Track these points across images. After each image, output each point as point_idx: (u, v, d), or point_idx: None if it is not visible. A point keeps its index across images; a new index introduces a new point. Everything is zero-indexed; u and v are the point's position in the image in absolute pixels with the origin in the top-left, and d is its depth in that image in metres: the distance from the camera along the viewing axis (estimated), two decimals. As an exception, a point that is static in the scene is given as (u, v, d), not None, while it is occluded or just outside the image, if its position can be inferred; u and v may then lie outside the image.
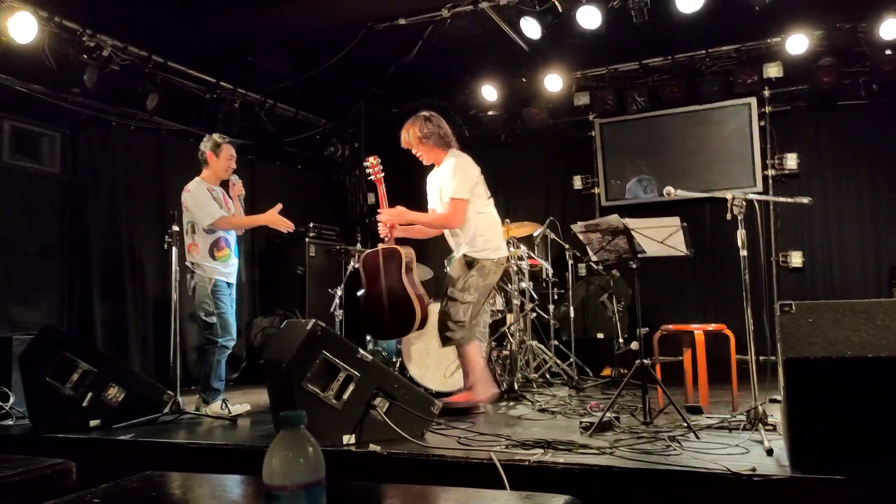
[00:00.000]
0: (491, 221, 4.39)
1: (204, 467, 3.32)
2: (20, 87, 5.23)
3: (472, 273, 4.25)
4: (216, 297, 4.57)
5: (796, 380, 2.60)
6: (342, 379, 3.30)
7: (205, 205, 4.59)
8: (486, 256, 4.28)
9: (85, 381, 4.01)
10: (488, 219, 4.38)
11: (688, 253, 3.68)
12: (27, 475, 2.02)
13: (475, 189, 4.36)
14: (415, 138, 4.45)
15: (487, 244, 4.30)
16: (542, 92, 7.32)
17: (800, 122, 7.04)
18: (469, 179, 4.34)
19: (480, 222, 4.33)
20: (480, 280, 4.26)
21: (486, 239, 4.31)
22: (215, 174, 4.75)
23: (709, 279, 7.24)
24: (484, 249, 4.29)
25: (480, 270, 4.26)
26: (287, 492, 1.05)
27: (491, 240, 4.33)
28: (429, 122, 4.43)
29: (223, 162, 4.73)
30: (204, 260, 4.59)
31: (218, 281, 4.60)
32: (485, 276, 4.28)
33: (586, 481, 2.71)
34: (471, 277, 4.24)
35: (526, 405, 4.54)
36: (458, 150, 4.50)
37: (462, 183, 4.30)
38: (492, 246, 4.32)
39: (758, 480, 2.52)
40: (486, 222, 4.36)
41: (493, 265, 4.31)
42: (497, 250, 4.35)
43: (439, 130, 4.44)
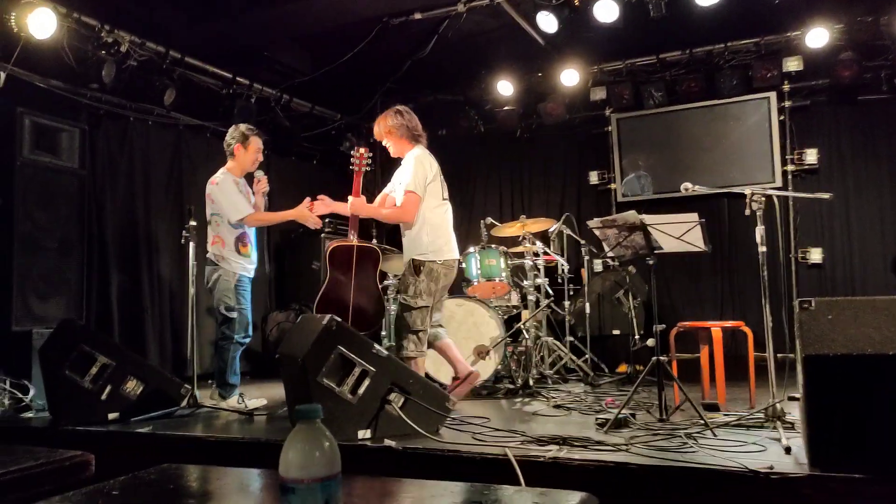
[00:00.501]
0: (439, 223, 4.34)
1: (220, 460, 3.34)
2: (40, 83, 5.28)
3: (421, 278, 4.21)
4: (238, 292, 4.56)
5: (815, 377, 2.57)
6: (357, 374, 3.31)
7: (233, 198, 4.55)
8: (430, 258, 4.24)
9: (103, 374, 4.05)
10: (436, 220, 4.32)
11: (706, 249, 3.65)
12: (47, 466, 2.05)
13: (430, 186, 4.31)
14: (384, 129, 4.43)
15: (431, 245, 4.25)
16: (558, 87, 7.29)
17: (820, 117, 6.96)
18: (424, 175, 4.28)
19: (428, 223, 4.29)
20: (432, 285, 4.23)
21: (431, 241, 4.26)
22: (241, 167, 4.70)
23: (726, 276, 7.18)
24: (428, 252, 4.24)
25: (429, 275, 4.22)
26: (303, 485, 1.05)
27: (435, 241, 4.27)
28: (399, 115, 4.42)
29: (251, 155, 4.68)
30: (230, 254, 4.55)
31: (242, 276, 4.60)
32: (435, 281, 4.24)
33: (602, 478, 2.70)
34: (420, 283, 4.21)
35: (541, 401, 4.53)
36: (424, 146, 4.46)
37: (418, 177, 4.26)
38: (436, 248, 4.27)
39: (775, 478, 2.50)
40: (434, 223, 4.30)
41: (442, 268, 4.26)
42: (442, 252, 4.28)
43: (408, 124, 4.41)
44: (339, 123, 7.96)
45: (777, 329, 3.43)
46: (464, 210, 8.36)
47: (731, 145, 7.11)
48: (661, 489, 2.65)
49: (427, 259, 4.24)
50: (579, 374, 5.56)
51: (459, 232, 8.20)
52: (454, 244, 4.43)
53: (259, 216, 4.66)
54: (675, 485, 2.64)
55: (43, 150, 5.01)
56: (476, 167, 8.36)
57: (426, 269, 4.22)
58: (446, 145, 8.45)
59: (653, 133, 7.43)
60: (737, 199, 6.66)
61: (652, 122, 7.41)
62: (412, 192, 4.23)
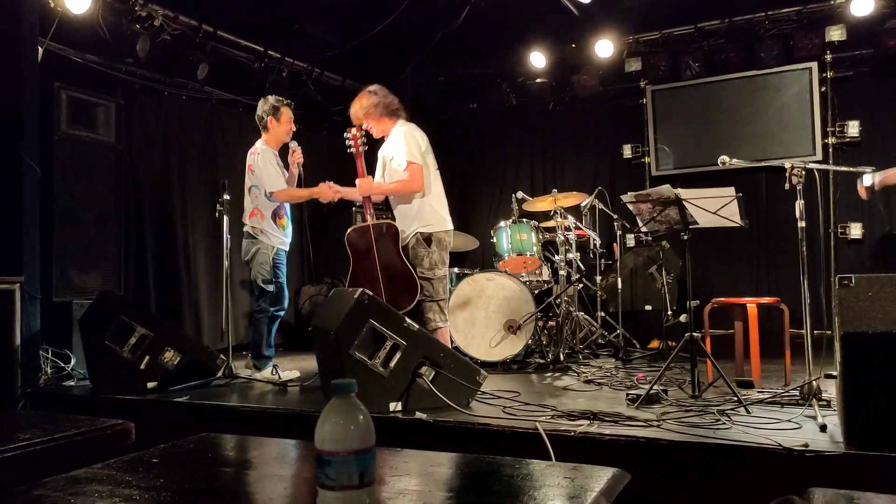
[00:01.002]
0: (439, 192, 4.40)
1: (255, 430, 3.40)
2: (76, 58, 5.35)
3: (433, 249, 4.27)
4: (275, 265, 4.60)
5: (854, 355, 2.52)
6: (389, 347, 3.34)
7: (271, 171, 4.57)
8: (438, 229, 4.30)
9: (142, 344, 4.14)
10: (437, 191, 4.38)
11: (743, 224, 3.58)
12: (89, 434, 2.11)
13: (426, 157, 4.34)
14: (361, 112, 4.46)
15: (435, 216, 4.31)
16: (592, 58, 7.16)
17: (863, 88, 6.75)
18: (418, 145, 4.31)
19: (430, 193, 4.33)
20: (444, 254, 4.31)
21: (435, 210, 4.32)
22: (277, 138, 4.69)
23: (763, 251, 7.06)
24: (433, 222, 4.29)
25: (439, 244, 4.29)
26: (339, 457, 1.07)
27: (439, 211, 4.34)
28: (373, 94, 4.45)
29: (284, 126, 4.68)
30: (269, 227, 4.58)
31: (280, 249, 4.63)
32: (444, 249, 4.32)
33: (633, 454, 2.70)
34: (434, 254, 4.27)
35: (571, 376, 4.53)
36: (406, 120, 4.49)
37: (413, 147, 4.28)
38: (440, 218, 4.33)
39: (810, 456, 2.47)
40: (435, 194, 4.36)
41: (446, 235, 4.34)
42: (446, 221, 4.36)
43: (384, 101, 4.45)
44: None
45: (814, 306, 3.37)
46: (495, 184, 8.34)
47: (771, 117, 6.94)
48: (692, 465, 2.64)
49: (434, 230, 4.29)
50: (610, 349, 5.54)
51: (490, 206, 8.30)
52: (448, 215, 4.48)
53: (289, 192, 4.66)
54: (706, 461, 2.63)
55: (80, 125, 5.09)
56: (507, 141, 8.29)
57: (436, 240, 4.28)
58: (477, 119, 8.43)
59: (689, 105, 7.28)
60: (775, 173, 6.51)
61: (688, 94, 7.26)
62: (414, 162, 4.26)
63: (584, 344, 5.50)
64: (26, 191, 4.50)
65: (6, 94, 4.56)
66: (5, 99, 4.55)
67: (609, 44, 6.96)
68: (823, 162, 6.60)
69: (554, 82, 7.62)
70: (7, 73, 4.57)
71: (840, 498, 1.48)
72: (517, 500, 1.36)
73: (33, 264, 4.50)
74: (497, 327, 4.91)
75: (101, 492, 1.46)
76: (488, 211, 8.28)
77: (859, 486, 1.86)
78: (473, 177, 8.46)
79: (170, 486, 1.52)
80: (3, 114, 4.54)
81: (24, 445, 1.93)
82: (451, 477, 1.62)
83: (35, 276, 4.51)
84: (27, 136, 4.55)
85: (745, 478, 2.56)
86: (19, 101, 4.55)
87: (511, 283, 4.98)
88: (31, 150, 4.55)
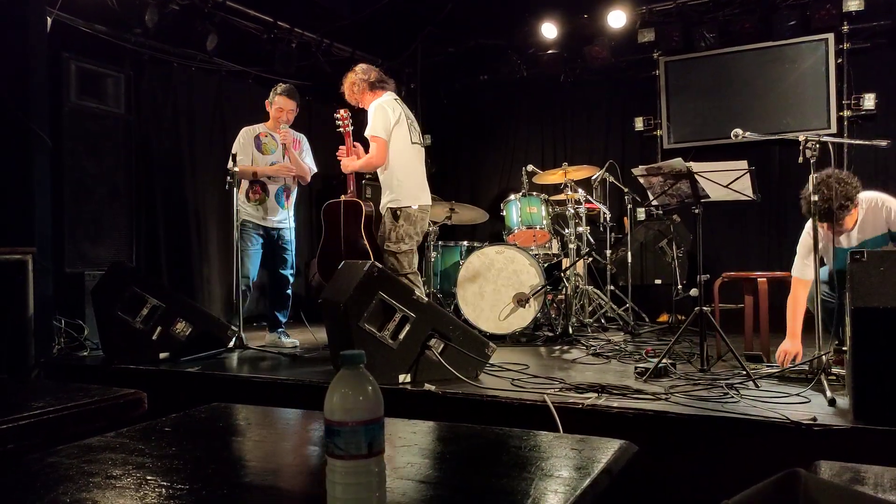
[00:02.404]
0: (409, 166, 4.41)
1: (265, 400, 3.45)
2: (84, 28, 5.32)
3: (400, 223, 4.34)
4: (242, 236, 4.80)
5: (864, 330, 2.51)
6: (398, 319, 3.35)
7: (238, 150, 4.81)
8: (405, 204, 4.34)
9: (154, 315, 4.18)
10: (408, 165, 4.40)
11: (755, 198, 3.55)
12: (102, 404, 2.13)
13: (395, 130, 4.37)
14: (348, 92, 4.61)
15: (402, 191, 4.35)
16: (604, 29, 7.06)
17: (879, 60, 6.61)
18: (385, 119, 4.36)
19: (398, 167, 4.37)
20: (410, 228, 4.37)
21: (401, 184, 4.35)
22: (272, 121, 4.97)
23: (774, 225, 7.00)
24: (401, 197, 4.35)
25: (408, 219, 4.35)
26: (347, 427, 1.07)
27: (407, 186, 4.36)
28: (353, 73, 4.59)
29: (274, 112, 4.94)
30: (241, 201, 4.83)
31: (245, 221, 4.83)
32: (414, 224, 4.38)
33: (640, 426, 2.71)
34: (400, 228, 4.34)
35: (580, 349, 4.55)
36: (391, 90, 4.58)
37: (378, 122, 4.36)
38: (408, 193, 4.36)
39: (818, 430, 2.47)
40: (406, 168, 4.39)
41: (418, 212, 4.39)
42: (416, 197, 4.39)
43: (365, 76, 4.54)
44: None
45: (826, 281, 3.34)
46: (505, 157, 8.29)
47: (785, 90, 6.84)
48: (700, 438, 2.66)
49: (402, 205, 4.35)
50: (619, 322, 5.55)
51: (500, 179, 8.27)
52: (427, 188, 4.53)
53: (243, 170, 4.79)
54: (714, 434, 2.64)
55: (89, 96, 5.08)
56: (518, 113, 8.23)
57: (404, 215, 4.35)
58: (487, 91, 8.35)
59: (703, 77, 7.18)
60: (789, 146, 6.43)
61: (702, 66, 7.16)
62: (376, 136, 4.35)
63: (593, 317, 5.51)
64: (36, 162, 4.52)
65: (15, 64, 4.55)
66: (14, 69, 4.55)
67: (622, 14, 6.86)
68: (838, 135, 6.51)
69: (565, 53, 7.52)
70: (16, 44, 4.56)
71: (847, 471, 1.48)
72: (525, 471, 1.37)
73: (45, 235, 4.53)
74: (506, 300, 4.92)
75: (115, 460, 1.48)
76: (498, 184, 8.25)
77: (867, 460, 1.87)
78: (483, 149, 8.41)
79: (182, 455, 1.54)
80: (13, 84, 4.53)
81: (37, 414, 1.96)
82: (459, 448, 1.63)
83: (47, 247, 4.54)
84: (36, 107, 4.55)
85: (753, 451, 2.57)
86: (28, 71, 4.54)
87: (521, 257, 4.98)
88: (41, 121, 4.55)
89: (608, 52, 7.26)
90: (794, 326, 3.59)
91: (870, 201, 3.47)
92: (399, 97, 4.63)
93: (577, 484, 1.29)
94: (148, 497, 1.26)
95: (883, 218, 3.42)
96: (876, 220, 3.43)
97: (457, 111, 8.57)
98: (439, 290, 5.53)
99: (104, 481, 1.35)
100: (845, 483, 1.40)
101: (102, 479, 1.36)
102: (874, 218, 3.43)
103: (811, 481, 0.94)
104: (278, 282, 5.03)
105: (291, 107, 4.94)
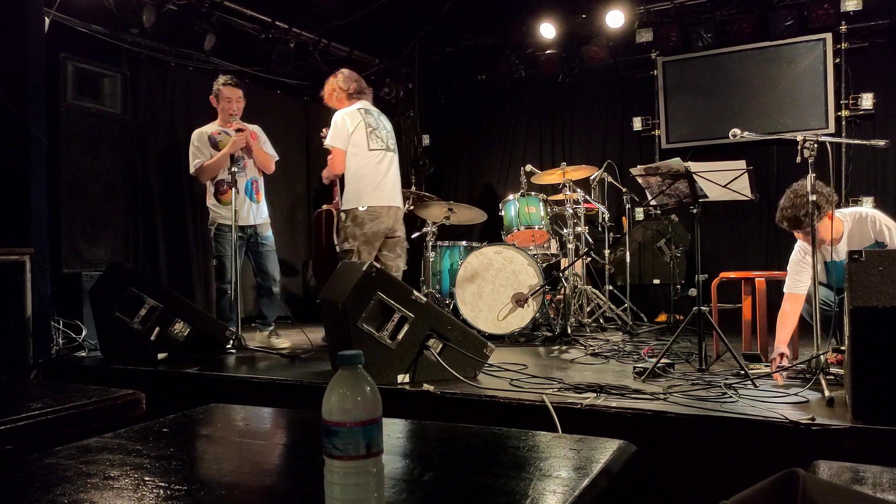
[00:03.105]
0: (363, 172, 4.61)
1: (264, 401, 3.44)
2: (81, 28, 5.31)
3: (346, 224, 4.61)
4: (217, 240, 4.78)
5: (863, 329, 2.51)
6: (397, 319, 3.35)
7: (194, 153, 4.79)
8: (352, 206, 4.59)
9: (152, 316, 4.17)
10: (361, 169, 4.61)
11: (753, 197, 3.56)
12: (100, 404, 2.13)
13: (353, 138, 4.60)
14: (328, 94, 4.84)
15: (352, 193, 4.60)
16: (602, 29, 7.07)
17: (877, 60, 6.62)
18: (343, 129, 4.60)
19: (351, 172, 4.62)
20: (356, 229, 4.56)
21: (352, 188, 4.61)
22: (221, 117, 4.89)
23: (773, 225, 6.98)
24: (350, 199, 4.61)
25: (354, 220, 4.57)
26: (345, 428, 1.07)
27: (356, 189, 4.60)
28: (336, 79, 4.81)
29: (222, 105, 4.84)
30: (211, 203, 4.81)
31: (220, 225, 4.79)
32: (360, 225, 4.56)
33: (639, 426, 2.71)
34: (346, 228, 4.61)
35: (579, 349, 4.54)
36: (362, 101, 4.77)
37: (335, 133, 4.62)
38: (356, 195, 4.59)
39: (816, 430, 2.47)
40: (358, 172, 4.61)
41: (365, 214, 4.56)
42: (363, 199, 4.58)
43: (345, 87, 4.76)
44: (377, 68, 7.87)
45: (824, 280, 3.35)
46: (503, 157, 8.29)
47: (783, 90, 6.85)
48: (698, 438, 2.66)
49: (349, 207, 4.60)
50: (618, 322, 5.55)
51: (499, 179, 8.27)
52: (384, 191, 4.66)
53: (204, 167, 4.77)
54: (712, 434, 2.64)
55: (86, 96, 5.06)
56: (516, 113, 8.23)
57: (350, 216, 4.60)
58: (485, 91, 8.35)
59: (700, 77, 7.19)
60: (786, 146, 6.44)
61: (700, 66, 7.16)
62: (332, 146, 4.63)
63: (591, 317, 5.51)
64: (34, 162, 4.50)
65: (12, 64, 4.54)
66: (11, 69, 4.53)
67: (620, 14, 6.86)
68: (836, 135, 6.52)
69: (563, 53, 7.52)
70: (13, 44, 4.54)
71: (846, 471, 1.48)
72: (523, 471, 1.37)
73: (42, 236, 4.52)
74: (505, 300, 4.92)
75: (113, 461, 1.48)
76: (496, 184, 8.25)
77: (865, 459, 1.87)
78: (481, 150, 8.41)
79: (180, 456, 1.54)
80: (10, 84, 4.52)
81: (36, 415, 1.95)
82: (457, 448, 1.63)
83: (44, 248, 4.53)
84: (34, 106, 4.54)
85: (751, 451, 2.57)
86: (25, 71, 4.53)
87: (519, 257, 4.98)
88: (38, 121, 4.54)
89: (606, 52, 7.26)
90: (783, 337, 3.62)
91: (854, 215, 3.55)
92: (372, 105, 4.83)
93: (575, 484, 1.29)
94: (146, 498, 1.25)
95: (868, 229, 3.48)
96: (862, 233, 3.49)
97: (455, 111, 8.56)
98: (438, 291, 5.53)
99: (102, 482, 1.34)
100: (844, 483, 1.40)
101: (100, 479, 1.36)
102: (860, 231, 3.49)
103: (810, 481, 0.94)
104: (264, 279, 5.01)
105: (238, 95, 4.84)
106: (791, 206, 3.36)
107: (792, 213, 3.36)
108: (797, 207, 3.32)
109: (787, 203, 3.38)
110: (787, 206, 3.37)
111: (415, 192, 5.62)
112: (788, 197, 3.39)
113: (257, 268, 5.00)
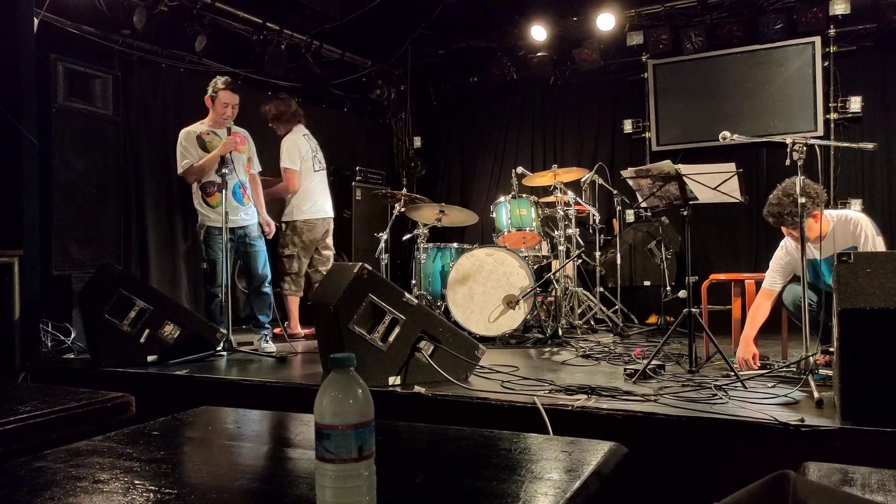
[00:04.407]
0: (309, 189, 5.44)
1: (254, 403, 3.43)
2: (72, 29, 5.28)
3: (287, 233, 5.44)
4: (206, 243, 4.78)
5: (851, 331, 2.53)
6: (388, 322, 3.35)
7: (182, 153, 4.77)
8: (293, 218, 5.44)
9: (142, 318, 4.15)
10: (307, 188, 5.43)
11: (743, 200, 3.58)
12: (90, 407, 2.11)
13: (303, 164, 5.39)
14: (273, 116, 5.52)
15: (295, 208, 5.43)
16: (593, 31, 7.09)
17: (866, 63, 6.68)
18: (297, 153, 5.37)
19: (300, 189, 5.41)
20: (296, 238, 5.43)
21: (296, 204, 5.43)
22: (214, 119, 4.85)
23: (762, 227, 7.04)
24: (292, 212, 5.44)
25: (293, 229, 5.45)
26: (337, 430, 1.07)
27: (299, 204, 5.42)
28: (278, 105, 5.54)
29: (218, 108, 4.80)
30: (199, 205, 4.81)
31: (210, 228, 4.77)
32: (299, 235, 5.42)
33: (630, 428, 2.72)
34: (287, 237, 5.45)
35: (570, 351, 4.55)
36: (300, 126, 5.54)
37: (289, 155, 5.37)
38: (298, 209, 5.42)
39: (806, 431, 2.49)
40: (303, 190, 5.42)
41: (303, 224, 5.43)
42: (302, 212, 5.42)
43: (277, 111, 5.48)
44: (369, 70, 7.87)
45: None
46: (494, 159, 8.31)
47: (773, 93, 6.89)
48: (689, 440, 2.67)
49: (291, 219, 5.44)
50: (609, 324, 5.56)
51: (490, 181, 8.28)
52: (322, 205, 5.53)
53: (193, 168, 4.74)
54: (703, 436, 2.65)
55: (77, 97, 5.03)
56: (508, 115, 8.24)
57: (291, 226, 5.44)
58: (477, 93, 8.37)
59: (690, 80, 7.22)
60: (776, 149, 6.48)
61: (690, 69, 7.20)
62: (288, 168, 5.35)
63: (582, 319, 5.53)
64: (24, 164, 4.47)
65: (2, 65, 4.51)
66: (2, 70, 4.50)
67: (611, 17, 6.89)
68: (825, 138, 6.56)
69: (555, 56, 7.54)
70: (3, 44, 4.51)
71: (835, 472, 1.49)
72: (515, 474, 1.37)
73: (32, 238, 4.49)
74: (496, 302, 4.93)
75: (102, 464, 1.47)
76: (488, 186, 8.26)
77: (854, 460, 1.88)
78: (473, 152, 8.42)
79: (170, 459, 1.53)
80: (0, 86, 4.49)
81: (24, 418, 1.94)
82: (448, 450, 1.63)
83: (34, 250, 4.49)
84: (24, 108, 4.51)
85: (741, 452, 2.59)
86: (16, 72, 4.50)
87: (510, 259, 4.98)
88: (29, 122, 4.51)
89: (597, 55, 7.29)
90: (749, 332, 3.70)
91: (839, 217, 3.61)
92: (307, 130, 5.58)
93: (567, 486, 1.29)
94: (136, 501, 1.25)
95: (850, 232, 3.52)
96: (845, 234, 3.55)
97: (447, 113, 8.57)
98: (429, 293, 5.52)
99: (92, 486, 1.34)
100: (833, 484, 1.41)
101: (90, 483, 1.35)
102: (843, 232, 3.55)
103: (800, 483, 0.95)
104: (254, 281, 4.98)
105: (236, 101, 4.81)
106: (777, 203, 3.43)
107: (777, 210, 3.43)
108: (783, 206, 3.38)
109: (775, 200, 3.45)
110: (774, 203, 3.44)
111: (406, 193, 5.61)
112: (777, 194, 3.46)
113: (247, 268, 4.99)
